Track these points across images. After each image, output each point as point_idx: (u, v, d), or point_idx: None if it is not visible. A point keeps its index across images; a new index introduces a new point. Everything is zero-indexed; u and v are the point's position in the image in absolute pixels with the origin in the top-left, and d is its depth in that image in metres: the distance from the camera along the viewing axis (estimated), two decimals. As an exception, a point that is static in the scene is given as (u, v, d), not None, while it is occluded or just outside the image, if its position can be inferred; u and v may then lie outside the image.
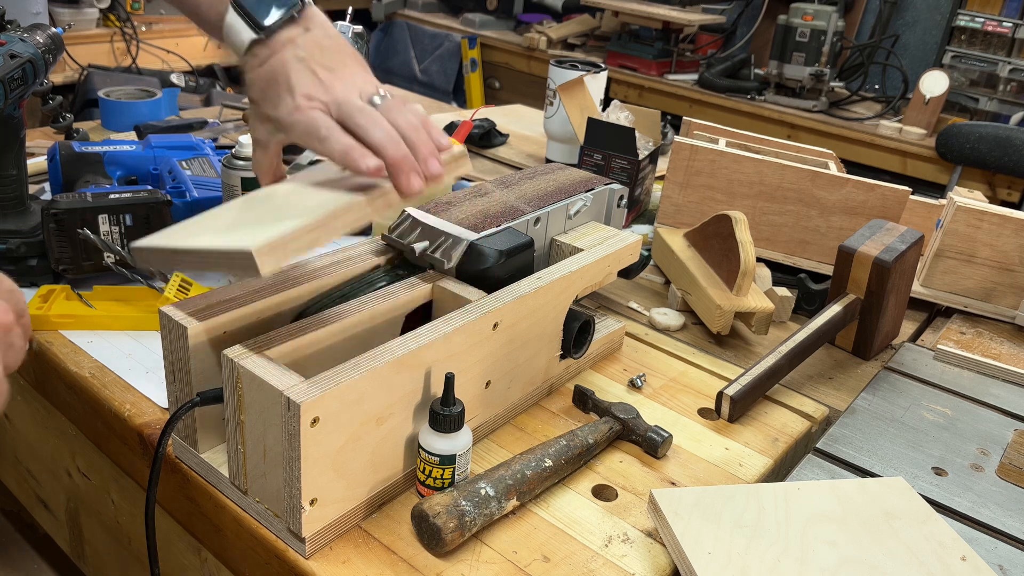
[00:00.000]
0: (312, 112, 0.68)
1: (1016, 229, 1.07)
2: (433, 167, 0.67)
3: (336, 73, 0.70)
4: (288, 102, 0.69)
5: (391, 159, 0.66)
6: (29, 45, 0.93)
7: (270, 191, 0.74)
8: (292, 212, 0.66)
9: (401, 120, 0.68)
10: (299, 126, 0.68)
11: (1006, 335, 1.09)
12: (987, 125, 2.39)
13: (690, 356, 0.98)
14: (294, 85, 0.68)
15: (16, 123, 0.96)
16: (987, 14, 2.66)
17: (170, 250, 0.64)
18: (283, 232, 0.60)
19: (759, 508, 0.68)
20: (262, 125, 0.72)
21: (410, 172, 0.66)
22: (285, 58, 0.70)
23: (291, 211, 0.66)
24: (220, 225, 0.68)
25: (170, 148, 1.20)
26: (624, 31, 3.13)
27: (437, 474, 0.68)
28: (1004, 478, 0.81)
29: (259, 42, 0.70)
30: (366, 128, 0.67)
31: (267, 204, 0.71)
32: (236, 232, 0.65)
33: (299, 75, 0.69)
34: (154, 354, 0.88)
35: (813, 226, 1.13)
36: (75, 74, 2.85)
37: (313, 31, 0.72)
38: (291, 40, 0.70)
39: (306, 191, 0.71)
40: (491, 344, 0.74)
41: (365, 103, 0.68)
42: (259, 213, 0.69)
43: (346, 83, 0.70)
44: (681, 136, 1.23)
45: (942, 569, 0.64)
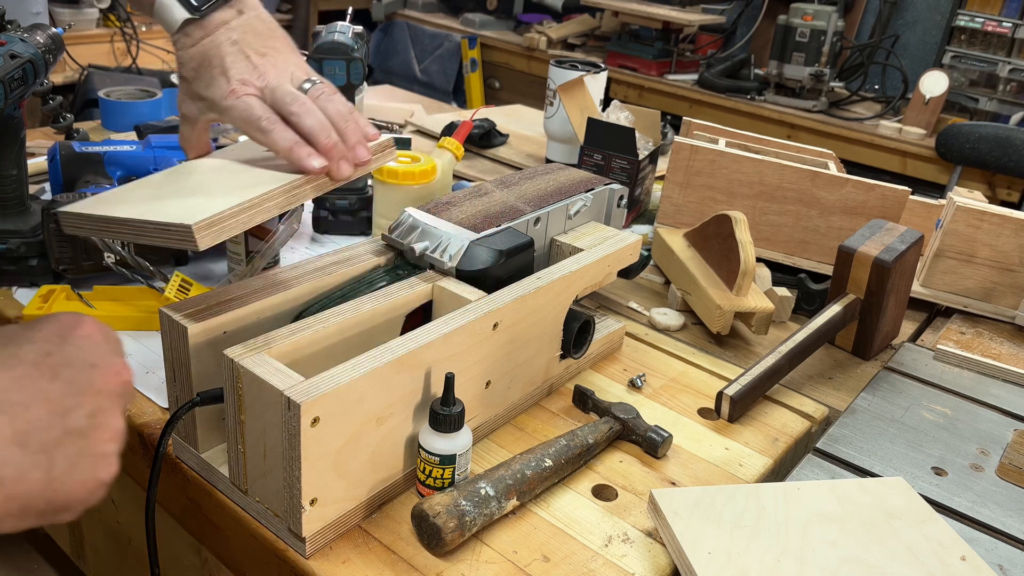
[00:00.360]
0: (248, 99, 0.70)
1: (1016, 229, 1.07)
2: (361, 154, 0.71)
3: (268, 58, 0.72)
4: (222, 85, 0.71)
5: (323, 147, 0.69)
6: (29, 45, 0.93)
7: (196, 164, 0.76)
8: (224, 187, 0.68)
9: (331, 108, 0.71)
10: (235, 111, 0.70)
11: (1006, 335, 1.09)
12: (987, 125, 2.39)
13: (690, 356, 0.98)
14: (228, 68, 0.70)
15: (16, 123, 0.96)
16: (987, 14, 2.66)
17: (101, 218, 0.65)
18: (221, 208, 0.63)
19: (759, 508, 0.68)
20: (193, 103, 0.74)
21: (340, 159, 0.70)
22: (219, 40, 0.72)
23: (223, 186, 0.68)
24: (148, 194, 0.69)
25: (170, 148, 1.20)
26: (624, 31, 3.13)
27: (437, 474, 0.68)
28: (1004, 478, 0.81)
29: (192, 22, 0.72)
30: (299, 115, 0.69)
31: (195, 177, 0.72)
32: (169, 203, 0.66)
33: (233, 59, 0.71)
34: (154, 354, 0.88)
35: (813, 226, 1.13)
36: (75, 74, 2.85)
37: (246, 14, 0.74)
38: (225, 22, 0.72)
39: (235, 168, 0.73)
40: (491, 344, 0.74)
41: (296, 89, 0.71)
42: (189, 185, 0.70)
43: (279, 69, 0.72)
44: (681, 136, 1.23)
45: (942, 569, 0.64)
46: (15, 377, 0.44)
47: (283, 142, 0.69)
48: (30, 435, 0.43)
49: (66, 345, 0.47)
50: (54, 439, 0.44)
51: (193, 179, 0.72)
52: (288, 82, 0.72)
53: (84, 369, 0.47)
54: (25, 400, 0.44)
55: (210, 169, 0.74)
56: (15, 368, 0.45)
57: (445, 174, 1.16)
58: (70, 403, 0.45)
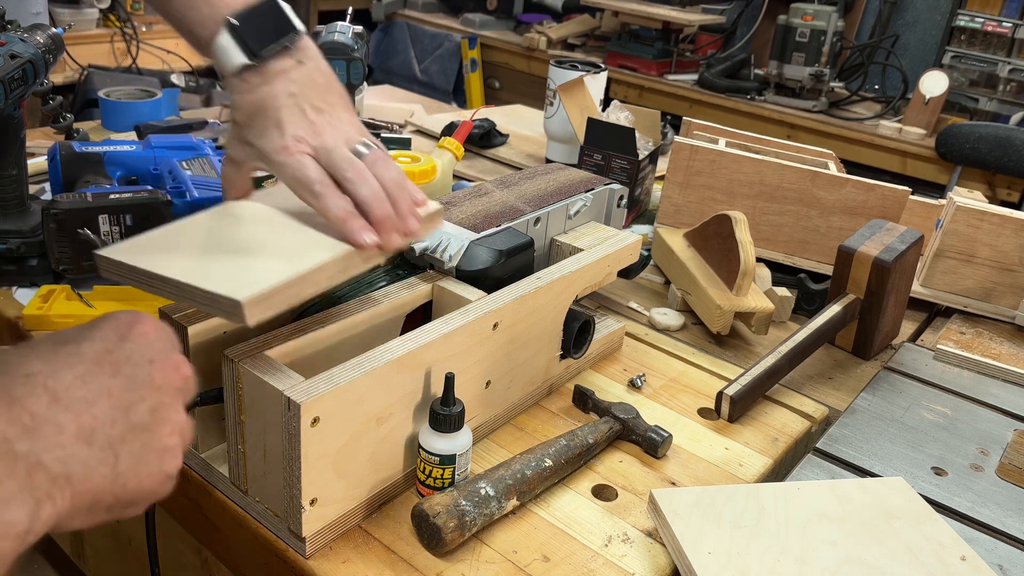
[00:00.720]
0: (302, 158, 0.67)
1: (1016, 229, 1.07)
2: (412, 225, 0.69)
3: (325, 115, 0.70)
4: (275, 139, 0.68)
5: (376, 218, 0.67)
6: (29, 45, 0.94)
7: (241, 210, 0.73)
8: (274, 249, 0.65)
9: (385, 176, 0.69)
10: (287, 168, 0.68)
11: (1006, 335, 1.09)
12: (987, 125, 2.39)
13: (690, 356, 0.98)
14: (283, 122, 0.68)
15: (16, 123, 0.96)
16: (987, 14, 2.66)
17: (143, 272, 0.62)
18: (272, 283, 0.60)
19: (759, 508, 0.68)
20: (241, 147, 0.72)
21: (391, 231, 0.67)
22: (276, 91, 0.69)
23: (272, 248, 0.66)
24: (194, 245, 0.66)
25: (170, 148, 1.20)
26: (624, 31, 3.13)
27: (437, 474, 0.68)
28: (1004, 478, 0.81)
29: (250, 68, 0.69)
30: (355, 184, 0.67)
31: (243, 229, 0.69)
32: (216, 263, 0.63)
33: (289, 113, 0.69)
34: (154, 354, 0.88)
35: (813, 226, 1.13)
36: (75, 74, 2.85)
37: (306, 65, 0.71)
38: (284, 72, 0.70)
39: (282, 222, 0.70)
40: (491, 344, 0.74)
41: (351, 152, 0.69)
42: (237, 240, 0.67)
43: (335, 128, 0.70)
44: (681, 136, 1.23)
45: (942, 569, 0.64)
46: (78, 374, 0.44)
47: (336, 210, 0.66)
48: (95, 431, 0.43)
49: (125, 342, 0.47)
50: (119, 434, 0.44)
51: (241, 232, 0.69)
52: (344, 144, 0.69)
53: (143, 365, 0.47)
54: (89, 396, 0.44)
55: (257, 220, 0.71)
56: (77, 365, 0.45)
57: (445, 174, 1.16)
58: (132, 398, 0.46)
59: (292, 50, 0.71)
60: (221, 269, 0.62)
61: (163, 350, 0.49)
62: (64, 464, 0.42)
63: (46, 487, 0.41)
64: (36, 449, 0.41)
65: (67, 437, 0.42)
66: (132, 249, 0.65)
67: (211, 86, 3.00)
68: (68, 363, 0.45)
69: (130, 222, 0.96)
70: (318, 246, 0.66)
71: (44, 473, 0.41)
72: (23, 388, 0.42)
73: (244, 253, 0.65)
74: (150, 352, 0.48)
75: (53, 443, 0.42)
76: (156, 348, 0.49)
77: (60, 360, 0.45)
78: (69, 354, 0.45)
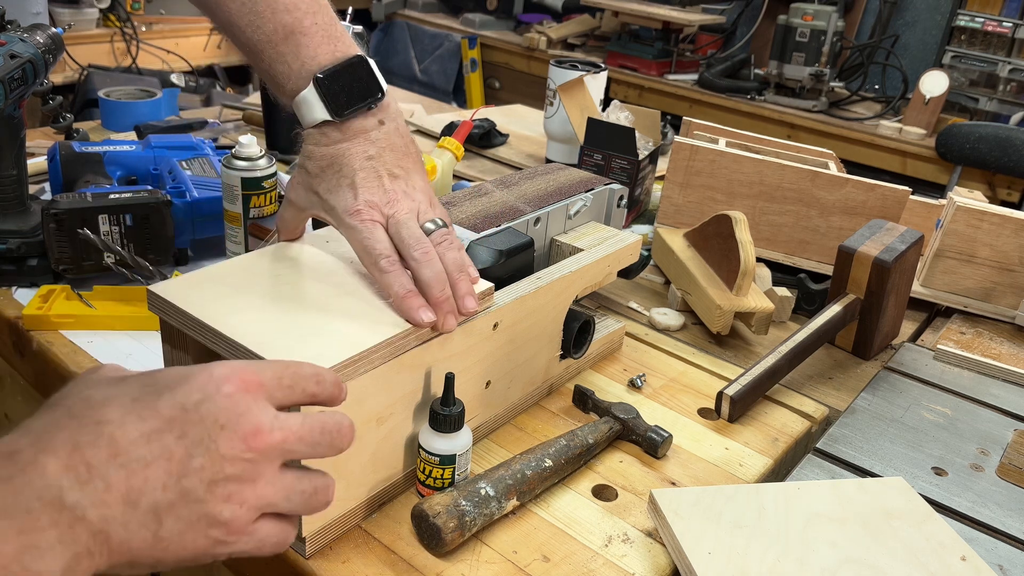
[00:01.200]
0: (373, 226, 0.67)
1: (1016, 229, 1.07)
2: (469, 306, 0.68)
3: (400, 182, 0.70)
4: (348, 199, 0.68)
5: (435, 300, 0.66)
6: (29, 45, 0.94)
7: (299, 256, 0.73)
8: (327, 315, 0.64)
9: (449, 257, 0.69)
10: (356, 234, 0.67)
11: (1006, 335, 1.09)
12: (987, 125, 2.39)
13: (690, 356, 0.98)
14: (358, 185, 0.68)
15: (16, 123, 0.96)
16: (987, 14, 2.66)
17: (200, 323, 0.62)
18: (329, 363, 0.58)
19: (759, 508, 0.68)
20: (306, 193, 0.71)
21: (448, 312, 0.67)
22: (355, 150, 0.69)
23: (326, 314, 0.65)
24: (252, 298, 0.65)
25: (170, 148, 1.20)
26: (624, 31, 3.13)
27: (437, 474, 0.68)
28: (1004, 478, 0.81)
29: (331, 123, 0.69)
30: (420, 264, 0.67)
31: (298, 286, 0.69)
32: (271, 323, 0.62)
33: (365, 176, 0.68)
34: (154, 354, 0.88)
35: (813, 226, 1.13)
36: (75, 74, 2.85)
37: (387, 125, 0.71)
38: (364, 131, 0.70)
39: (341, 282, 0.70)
40: (491, 344, 0.74)
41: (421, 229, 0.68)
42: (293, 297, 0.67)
43: (409, 198, 0.70)
44: (681, 136, 1.23)
45: (942, 569, 0.64)
46: (144, 431, 0.43)
47: (398, 288, 0.66)
48: (143, 494, 0.42)
49: (204, 402, 0.45)
50: (167, 501, 0.43)
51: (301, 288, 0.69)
52: (415, 218, 0.69)
53: (213, 430, 0.45)
54: (147, 457, 0.43)
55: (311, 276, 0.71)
56: (149, 420, 0.44)
57: (445, 174, 1.16)
58: (192, 465, 0.44)
59: (375, 110, 0.70)
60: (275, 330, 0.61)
61: (242, 415, 0.45)
62: (106, 522, 0.41)
63: (86, 541, 0.41)
64: (83, 503, 0.41)
65: (113, 495, 0.42)
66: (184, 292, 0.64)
67: (211, 86, 3.00)
68: (140, 416, 0.44)
69: (130, 222, 0.96)
70: (377, 319, 0.65)
71: (86, 528, 0.41)
72: (89, 435, 0.42)
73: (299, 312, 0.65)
74: (225, 416, 0.45)
75: (99, 499, 0.41)
76: (235, 412, 0.45)
77: (134, 413, 0.44)
78: (144, 406, 0.44)
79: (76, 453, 0.41)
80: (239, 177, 1.00)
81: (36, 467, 0.40)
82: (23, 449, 0.41)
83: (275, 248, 0.74)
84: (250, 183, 1.00)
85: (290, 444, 0.47)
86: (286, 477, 0.47)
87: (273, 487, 0.46)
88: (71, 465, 0.41)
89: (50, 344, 0.88)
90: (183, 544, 0.44)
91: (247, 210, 1.01)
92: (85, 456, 0.41)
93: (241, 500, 0.45)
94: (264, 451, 0.46)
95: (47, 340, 0.89)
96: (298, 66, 0.70)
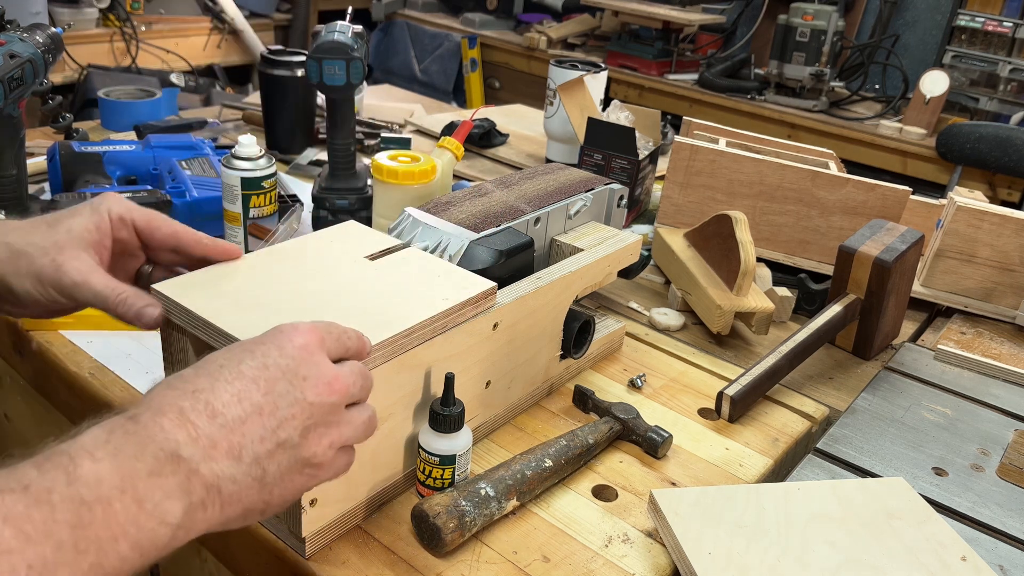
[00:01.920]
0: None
1: (1016, 229, 1.07)
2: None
3: None
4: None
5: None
6: (29, 45, 0.93)
7: (299, 255, 0.73)
8: (338, 318, 0.62)
9: None
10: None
11: (1006, 335, 1.09)
12: (987, 125, 2.39)
13: (690, 356, 0.98)
14: None
15: (16, 123, 0.96)
16: (987, 14, 2.66)
17: (204, 321, 0.62)
18: None
19: (759, 508, 0.68)
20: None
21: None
22: None
23: (336, 314, 0.63)
24: (257, 300, 0.65)
25: (170, 148, 1.20)
26: (624, 31, 3.13)
27: (437, 474, 0.68)
28: (1004, 478, 0.81)
29: None
30: None
31: (303, 284, 0.68)
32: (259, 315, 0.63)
33: None
34: (154, 354, 0.88)
35: (813, 226, 1.13)
36: (75, 74, 2.85)
37: None
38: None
39: (342, 278, 0.70)
40: (491, 344, 0.74)
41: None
42: (301, 302, 0.66)
43: None
44: (681, 136, 1.23)
45: (942, 569, 0.64)
46: (234, 392, 0.49)
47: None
48: (243, 448, 0.48)
49: (283, 358, 0.51)
50: (266, 451, 0.49)
51: (298, 288, 0.68)
52: None
53: (296, 382, 0.50)
54: (242, 415, 0.48)
55: (312, 275, 0.70)
56: (235, 382, 0.49)
57: (445, 174, 1.16)
58: (282, 416, 0.49)
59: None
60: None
61: (318, 364, 0.52)
62: (216, 477, 0.47)
63: (201, 494, 0.46)
64: (196, 457, 0.46)
65: (219, 451, 0.47)
66: (187, 287, 0.66)
67: (210, 86, 3.00)
68: (227, 380, 0.49)
69: (130, 222, 0.96)
70: (377, 319, 0.65)
71: (200, 481, 0.46)
72: (189, 402, 0.47)
73: (305, 317, 0.63)
74: (306, 368, 0.51)
75: (208, 455, 0.47)
76: (311, 363, 0.51)
77: (222, 378, 0.49)
78: (230, 371, 0.50)
79: (183, 416, 0.47)
80: (239, 177, 1.00)
81: (155, 424, 0.46)
82: (142, 413, 0.46)
83: (277, 248, 0.74)
84: (250, 183, 1.00)
85: (355, 387, 0.53)
86: (352, 413, 0.54)
87: (349, 424, 0.53)
88: (182, 424, 0.46)
89: (49, 344, 0.88)
90: (285, 487, 0.50)
91: (247, 210, 1.01)
92: (191, 419, 0.47)
93: (329, 440, 0.52)
94: (343, 394, 0.52)
95: (47, 340, 0.89)
96: None
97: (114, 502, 0.42)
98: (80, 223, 0.64)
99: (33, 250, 0.63)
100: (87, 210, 0.65)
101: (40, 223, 0.65)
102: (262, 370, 0.50)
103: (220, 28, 3.37)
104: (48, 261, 0.62)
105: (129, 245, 0.68)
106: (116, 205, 0.66)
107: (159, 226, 0.67)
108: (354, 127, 1.15)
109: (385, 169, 1.06)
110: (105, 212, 0.65)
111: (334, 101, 1.10)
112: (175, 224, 0.68)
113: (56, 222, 0.64)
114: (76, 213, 0.65)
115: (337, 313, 0.65)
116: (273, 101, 1.43)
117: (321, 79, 1.05)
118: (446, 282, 0.71)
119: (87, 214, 0.65)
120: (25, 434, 1.06)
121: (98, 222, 0.65)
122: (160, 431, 0.46)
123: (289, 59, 1.39)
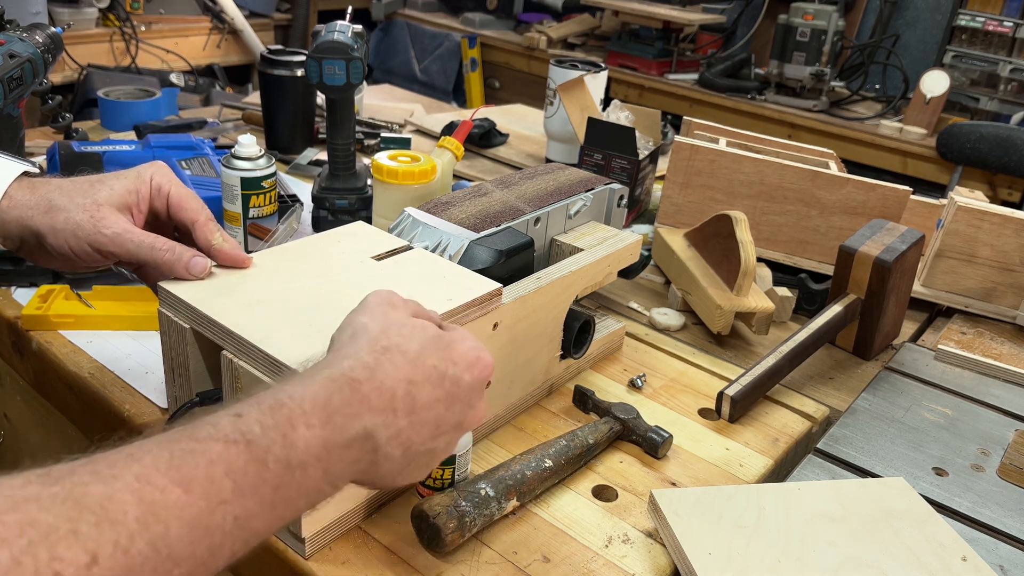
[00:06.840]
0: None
1: (1017, 229, 1.07)
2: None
3: None
4: None
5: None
6: (28, 45, 0.93)
7: (303, 255, 0.73)
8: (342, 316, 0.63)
9: None
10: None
11: (1007, 335, 1.09)
12: (988, 125, 2.39)
13: (690, 356, 0.98)
14: None
15: (15, 123, 0.96)
16: (988, 14, 2.65)
17: (210, 319, 0.62)
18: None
19: (759, 508, 0.68)
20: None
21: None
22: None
23: (340, 313, 0.63)
24: (261, 299, 0.65)
25: (170, 148, 1.20)
26: (624, 31, 3.13)
27: (437, 474, 0.68)
28: (1005, 478, 0.81)
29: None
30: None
31: (307, 283, 0.68)
32: (283, 324, 0.63)
33: None
34: (154, 354, 0.88)
35: (813, 226, 1.13)
36: (75, 74, 2.85)
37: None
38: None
39: (346, 277, 0.71)
40: (491, 344, 0.74)
41: None
42: (305, 301, 0.66)
43: None
44: (681, 136, 1.23)
45: (942, 569, 0.64)
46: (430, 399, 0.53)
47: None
48: (413, 445, 0.52)
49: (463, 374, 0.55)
50: (426, 449, 0.53)
51: (303, 287, 0.68)
52: None
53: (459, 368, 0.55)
54: (426, 419, 0.53)
55: (316, 274, 0.70)
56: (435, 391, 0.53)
57: (445, 174, 1.15)
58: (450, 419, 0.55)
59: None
60: (287, 331, 0.62)
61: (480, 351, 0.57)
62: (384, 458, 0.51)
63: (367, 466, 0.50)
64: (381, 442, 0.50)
65: (397, 442, 0.51)
66: (193, 286, 0.66)
67: (210, 86, 3.00)
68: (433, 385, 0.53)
69: (129, 222, 0.96)
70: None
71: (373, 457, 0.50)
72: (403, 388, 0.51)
73: (309, 315, 0.65)
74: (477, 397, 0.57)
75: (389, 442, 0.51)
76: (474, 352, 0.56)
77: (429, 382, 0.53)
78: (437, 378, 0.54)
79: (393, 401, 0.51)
80: (238, 177, 1.00)
81: (366, 402, 0.50)
82: (364, 382, 0.50)
83: (284, 247, 0.75)
84: (249, 183, 1.00)
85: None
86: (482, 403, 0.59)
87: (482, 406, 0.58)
88: (385, 409, 0.50)
89: (49, 344, 0.88)
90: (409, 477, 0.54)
91: (246, 210, 1.01)
92: (394, 407, 0.51)
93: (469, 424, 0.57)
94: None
95: (46, 340, 0.89)
96: None
97: (309, 468, 0.46)
98: (122, 185, 0.68)
99: (73, 206, 0.66)
100: (133, 174, 0.69)
101: (83, 182, 0.68)
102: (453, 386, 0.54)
103: (220, 28, 3.37)
104: (87, 217, 0.65)
105: (162, 215, 0.71)
106: (159, 175, 0.70)
107: (184, 207, 0.70)
108: (354, 127, 1.15)
109: (385, 169, 1.06)
110: (148, 179, 0.69)
111: (334, 101, 1.10)
112: (200, 213, 0.70)
113: (100, 181, 0.68)
114: (121, 176, 0.69)
115: (343, 313, 0.64)
116: (273, 101, 1.43)
117: (321, 79, 1.05)
118: (452, 283, 0.71)
119: (132, 178, 0.69)
120: (25, 434, 1.06)
121: (139, 187, 0.69)
122: (368, 409, 0.49)
123: (289, 59, 1.39)
